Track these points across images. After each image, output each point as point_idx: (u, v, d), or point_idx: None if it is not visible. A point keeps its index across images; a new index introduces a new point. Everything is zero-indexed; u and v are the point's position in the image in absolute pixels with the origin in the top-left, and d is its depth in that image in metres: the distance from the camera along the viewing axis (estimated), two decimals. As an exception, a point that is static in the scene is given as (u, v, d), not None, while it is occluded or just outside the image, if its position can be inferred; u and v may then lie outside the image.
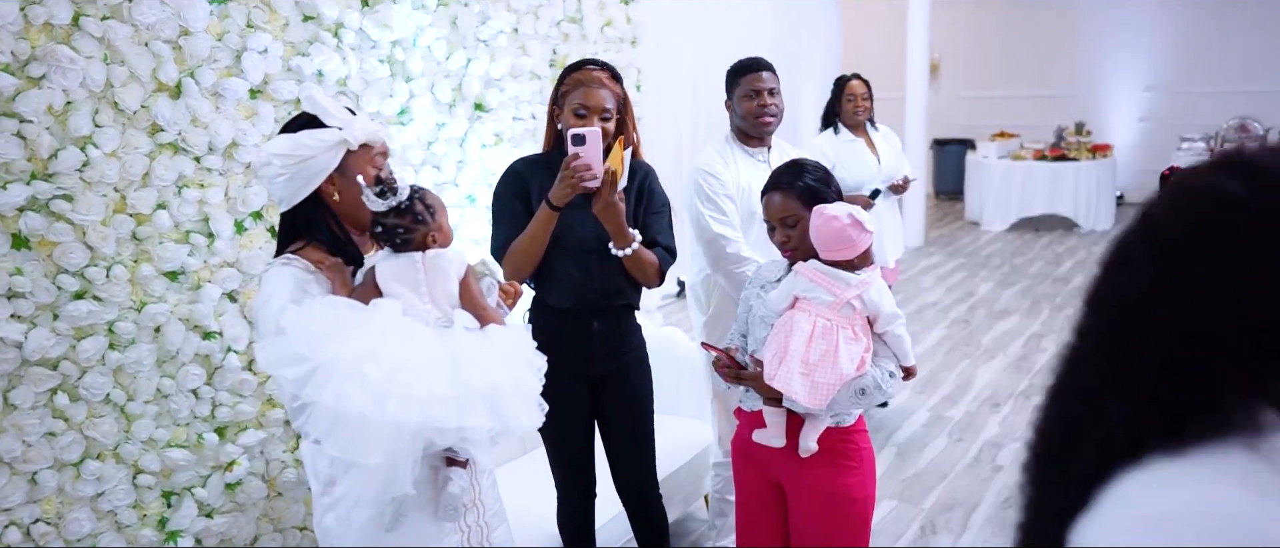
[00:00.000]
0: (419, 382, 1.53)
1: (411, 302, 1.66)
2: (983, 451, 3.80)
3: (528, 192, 2.18)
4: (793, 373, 1.80)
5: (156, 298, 2.37)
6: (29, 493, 2.21)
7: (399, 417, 1.49)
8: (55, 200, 2.15)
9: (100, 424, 2.29)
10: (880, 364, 1.86)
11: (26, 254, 2.14)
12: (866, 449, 1.96)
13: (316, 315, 1.58)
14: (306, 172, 1.66)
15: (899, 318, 1.88)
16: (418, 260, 1.67)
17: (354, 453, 1.53)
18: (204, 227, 2.47)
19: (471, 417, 1.56)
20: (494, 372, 1.61)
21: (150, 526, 2.44)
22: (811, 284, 1.85)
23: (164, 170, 2.33)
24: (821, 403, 1.80)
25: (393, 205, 1.65)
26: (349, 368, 1.49)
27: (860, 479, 1.94)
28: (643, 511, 2.41)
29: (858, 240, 1.82)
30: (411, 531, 1.73)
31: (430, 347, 1.60)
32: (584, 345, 2.20)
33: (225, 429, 2.59)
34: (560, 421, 2.23)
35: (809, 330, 1.81)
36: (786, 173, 1.95)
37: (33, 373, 2.17)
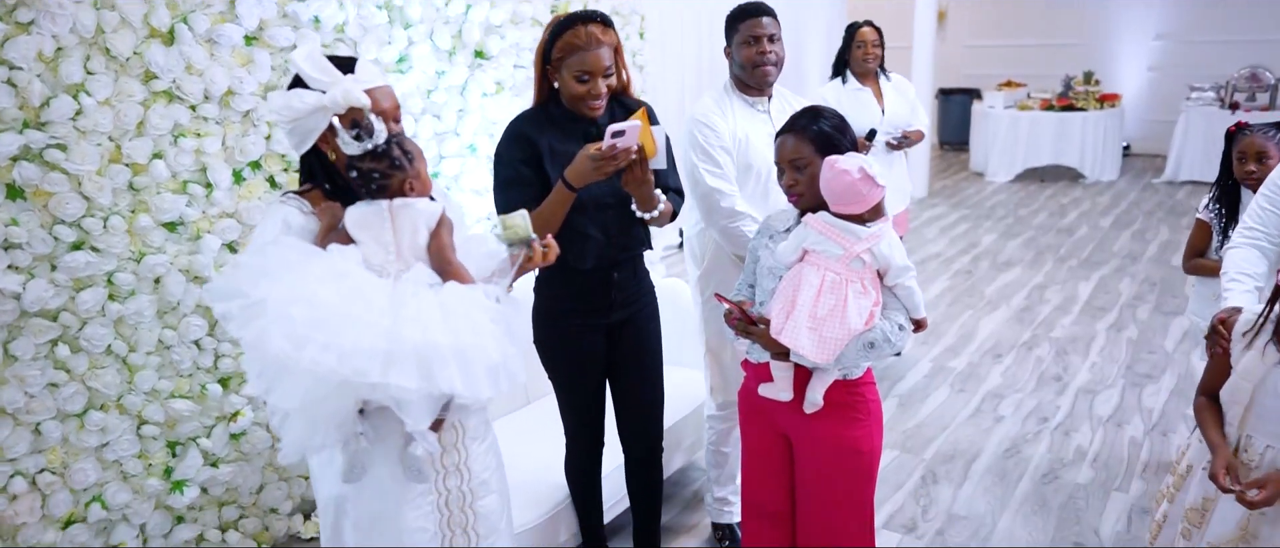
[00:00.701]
0: (347, 331, 1.48)
1: (374, 251, 1.62)
2: (984, 401, 3.81)
3: (538, 156, 2.08)
4: (800, 328, 1.76)
5: (155, 249, 2.35)
6: (33, 443, 2.22)
7: (316, 363, 1.45)
8: (49, 150, 2.12)
9: (102, 375, 2.29)
10: (890, 317, 1.83)
11: (21, 205, 2.12)
12: (874, 402, 1.94)
13: (271, 254, 1.56)
14: (301, 129, 1.64)
15: (909, 271, 1.83)
16: (384, 208, 1.63)
17: (274, 397, 1.52)
18: (201, 177, 2.44)
19: (398, 375, 1.49)
20: (434, 332, 1.53)
21: (156, 475, 2.45)
22: (821, 237, 1.81)
23: (159, 119, 2.29)
24: (829, 358, 1.77)
25: (368, 149, 1.61)
26: (276, 309, 1.47)
27: (867, 431, 1.92)
28: (645, 459, 2.40)
29: (868, 194, 1.78)
30: (379, 487, 1.70)
31: (372, 298, 1.55)
32: (604, 297, 2.19)
33: (228, 380, 2.59)
34: (576, 369, 2.26)
35: (817, 284, 1.78)
36: (803, 116, 1.91)
37: (32, 324, 2.15)
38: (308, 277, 1.52)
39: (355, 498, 1.72)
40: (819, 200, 1.85)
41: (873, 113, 3.88)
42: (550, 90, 2.12)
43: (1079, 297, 5.14)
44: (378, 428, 1.67)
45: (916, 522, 2.94)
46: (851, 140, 1.89)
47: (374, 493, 1.71)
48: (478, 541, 1.83)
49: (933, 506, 3.03)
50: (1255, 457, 1.73)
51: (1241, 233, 1.99)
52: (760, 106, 2.51)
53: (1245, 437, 1.75)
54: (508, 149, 2.11)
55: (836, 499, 1.96)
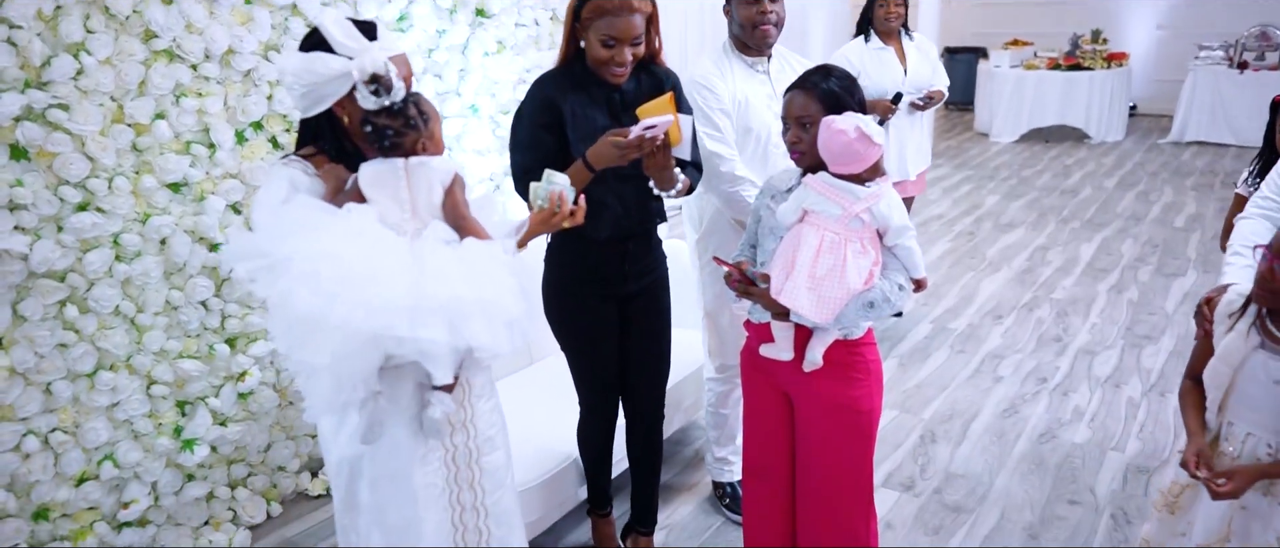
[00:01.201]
0: (374, 288, 1.50)
1: (389, 209, 1.63)
2: (984, 362, 3.84)
3: (560, 120, 2.04)
4: (799, 288, 1.77)
5: (160, 210, 2.36)
6: (44, 403, 2.25)
7: (347, 320, 1.47)
8: (51, 110, 2.12)
9: (111, 336, 2.31)
10: (889, 277, 1.83)
11: (26, 165, 2.12)
12: (874, 362, 1.95)
13: (288, 215, 1.56)
14: (316, 93, 1.64)
15: (909, 230, 1.83)
16: (400, 167, 1.63)
17: (303, 353, 1.53)
18: (204, 137, 2.44)
19: (427, 330, 1.52)
20: (458, 287, 1.56)
21: (166, 434, 2.49)
22: (820, 197, 1.81)
23: (160, 79, 2.28)
24: (828, 317, 1.78)
25: (385, 105, 1.61)
26: (302, 267, 1.48)
27: (867, 391, 1.94)
28: (647, 423, 2.41)
29: (865, 154, 1.77)
30: (394, 446, 1.73)
31: (395, 255, 1.56)
32: (618, 268, 2.18)
33: (235, 340, 2.61)
34: (590, 341, 2.25)
35: (816, 245, 1.79)
36: (814, 73, 1.88)
37: (40, 285, 2.17)
38: (329, 235, 1.53)
39: (371, 457, 1.74)
40: (820, 158, 1.85)
41: (896, 73, 3.87)
42: (576, 48, 2.06)
43: (1081, 258, 5.14)
44: (391, 388, 1.69)
45: (914, 480, 2.98)
46: (860, 101, 1.88)
47: (389, 452, 1.74)
48: (484, 496, 1.87)
49: (931, 464, 3.07)
50: (1236, 445, 1.68)
51: (1256, 202, 1.94)
52: (760, 68, 2.47)
53: (1226, 424, 1.71)
54: (530, 112, 2.07)
55: (836, 458, 1.98)
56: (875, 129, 1.77)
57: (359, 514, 1.80)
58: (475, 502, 1.86)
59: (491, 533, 1.89)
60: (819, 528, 2.04)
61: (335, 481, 1.82)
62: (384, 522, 1.78)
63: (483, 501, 1.87)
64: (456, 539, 1.85)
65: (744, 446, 2.16)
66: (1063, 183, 6.92)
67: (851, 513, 2.02)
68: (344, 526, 1.85)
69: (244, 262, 1.56)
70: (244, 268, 1.55)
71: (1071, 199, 6.42)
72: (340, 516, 1.85)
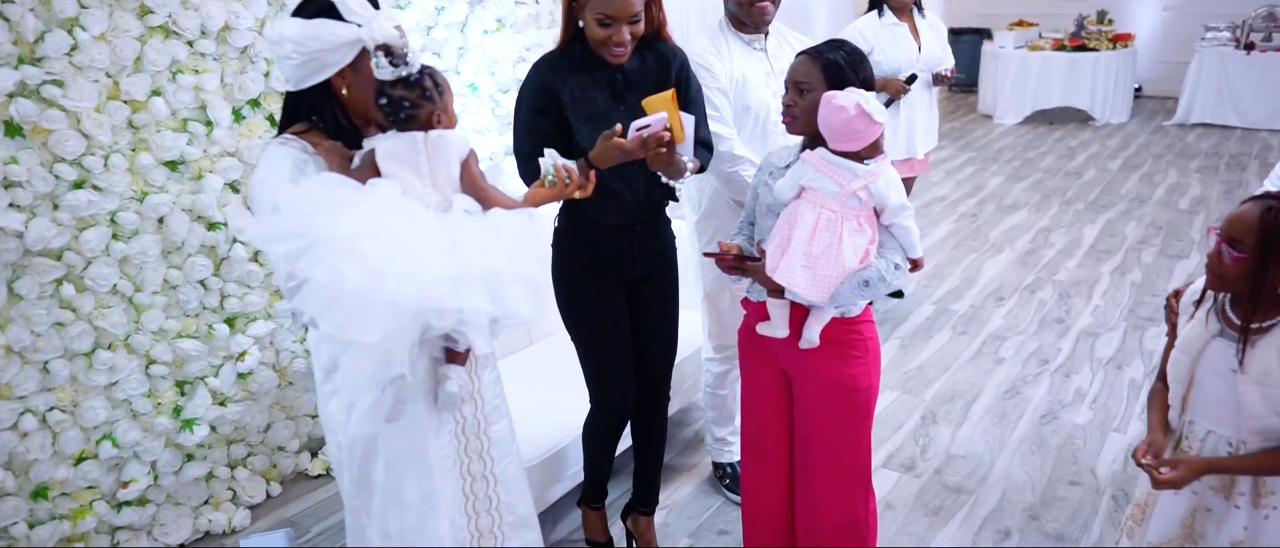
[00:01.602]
0: (417, 261, 1.49)
1: (411, 183, 1.61)
2: (985, 343, 3.82)
3: (558, 104, 2.00)
4: (795, 266, 1.76)
5: (157, 188, 2.34)
6: (41, 382, 2.24)
7: (397, 295, 1.46)
8: (46, 86, 2.09)
9: (109, 315, 2.30)
10: (886, 256, 1.82)
11: (21, 142, 2.10)
12: (872, 339, 1.94)
13: (312, 194, 1.53)
14: (317, 62, 1.60)
15: (907, 209, 1.82)
16: (419, 141, 1.61)
17: (351, 331, 1.51)
18: (201, 115, 2.41)
19: (470, 299, 1.53)
20: (494, 255, 1.57)
21: (165, 414, 2.48)
22: (818, 174, 1.79)
23: (156, 55, 2.26)
24: (823, 296, 1.77)
25: (401, 76, 1.58)
26: (346, 245, 1.46)
27: (865, 369, 1.93)
28: (653, 420, 2.39)
29: (864, 132, 1.75)
30: (411, 422, 1.73)
31: (429, 227, 1.56)
32: (627, 251, 2.14)
33: (234, 320, 2.60)
34: (600, 330, 2.20)
35: (812, 222, 1.77)
36: (825, 44, 1.86)
37: (36, 263, 2.16)
38: (364, 210, 1.51)
39: (386, 435, 1.73)
40: (812, 130, 1.82)
41: (909, 49, 3.84)
42: (576, 29, 2.01)
43: (1084, 240, 5.12)
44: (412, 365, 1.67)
45: (915, 461, 2.98)
46: (866, 79, 1.85)
47: (407, 428, 1.73)
48: (492, 465, 1.88)
49: (932, 445, 3.07)
50: (1196, 443, 1.63)
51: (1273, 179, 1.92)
52: (757, 45, 2.43)
53: (1187, 422, 1.65)
54: (527, 98, 2.03)
55: (834, 435, 1.97)
56: (876, 107, 1.75)
57: (372, 494, 1.79)
58: (485, 471, 1.88)
59: (501, 500, 1.91)
60: (817, 506, 2.03)
61: (346, 462, 1.79)
62: (400, 498, 1.77)
63: (492, 469, 1.88)
64: (468, 509, 1.86)
65: (742, 424, 2.15)
66: (1066, 165, 6.88)
67: (850, 491, 2.02)
68: (354, 507, 1.84)
69: (278, 243, 1.52)
70: (283, 249, 1.51)
71: (1075, 181, 6.39)
72: (351, 497, 1.83)
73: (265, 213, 1.57)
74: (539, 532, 2.04)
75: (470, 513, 1.87)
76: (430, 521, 1.79)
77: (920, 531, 2.62)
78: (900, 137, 3.94)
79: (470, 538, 1.88)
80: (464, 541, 1.87)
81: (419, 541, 1.79)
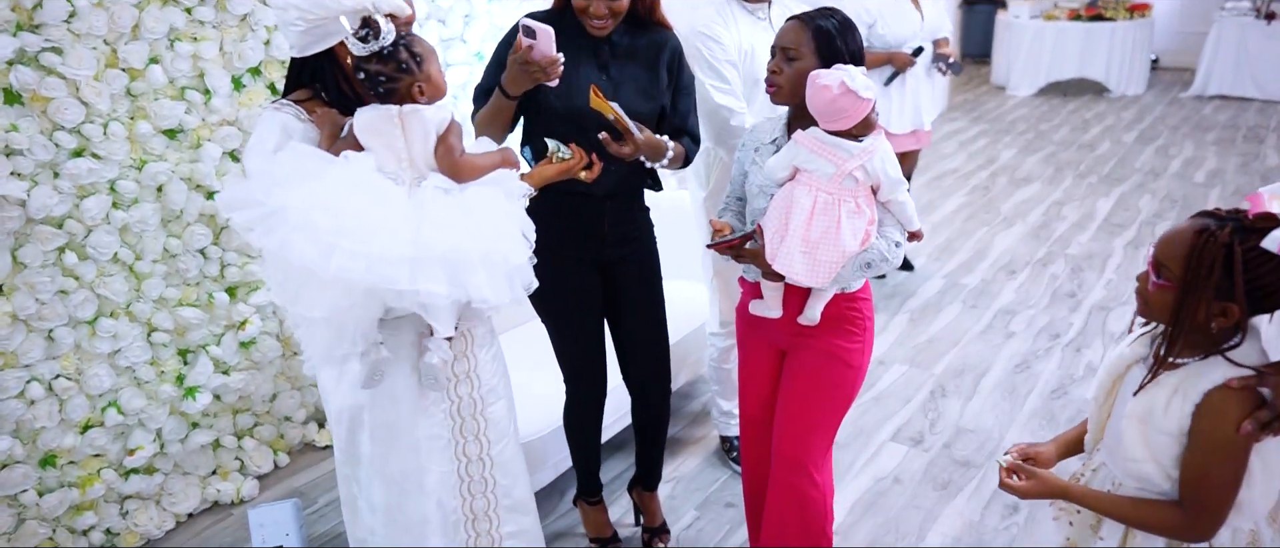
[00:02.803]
0: (373, 238, 1.46)
1: (386, 158, 1.58)
2: (996, 317, 3.79)
3: None
4: (794, 252, 1.70)
5: (156, 156, 2.32)
6: (47, 350, 2.24)
7: (345, 272, 1.44)
8: (44, 53, 2.07)
9: (110, 283, 2.29)
10: (885, 234, 1.77)
11: (20, 110, 2.08)
12: (869, 317, 1.91)
13: (282, 162, 1.52)
14: (322, 29, 1.57)
15: (902, 184, 1.76)
16: (394, 115, 1.58)
17: (299, 305, 1.50)
18: (200, 83, 2.39)
19: (427, 281, 1.49)
20: (460, 237, 1.53)
21: (169, 381, 2.48)
22: (812, 155, 1.72)
23: (154, 22, 2.23)
24: (824, 281, 1.73)
25: (374, 51, 1.55)
26: (298, 217, 1.44)
27: (860, 347, 1.89)
28: (652, 405, 2.33)
29: (851, 110, 1.68)
30: (394, 397, 1.72)
31: (394, 204, 1.52)
32: (595, 228, 2.07)
33: (235, 289, 2.59)
34: (570, 309, 2.14)
35: (810, 207, 1.71)
36: (816, 11, 1.80)
37: (39, 231, 2.15)
38: (326, 184, 1.49)
39: (371, 407, 1.72)
40: (798, 99, 1.76)
41: (913, 19, 3.77)
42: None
43: (1097, 213, 5.05)
44: (391, 338, 1.67)
45: (923, 435, 2.96)
46: (855, 50, 1.78)
47: (389, 402, 1.72)
48: (489, 447, 1.86)
49: (940, 419, 3.05)
50: (1088, 473, 1.47)
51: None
52: (761, 14, 2.38)
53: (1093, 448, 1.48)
54: (505, 40, 1.98)
55: (813, 403, 1.92)
56: (862, 83, 1.67)
57: (360, 464, 1.79)
58: (481, 453, 1.85)
59: (497, 483, 1.88)
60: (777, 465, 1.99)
61: (336, 431, 1.81)
62: (385, 472, 1.77)
63: (488, 451, 1.85)
64: (462, 490, 1.84)
65: (741, 401, 2.12)
66: (1081, 137, 6.79)
67: (808, 456, 1.95)
68: (345, 475, 1.85)
69: (240, 210, 1.52)
70: (241, 217, 1.51)
71: (1089, 154, 6.30)
72: (341, 465, 1.84)
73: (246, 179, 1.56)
74: (536, 516, 2.01)
75: (465, 495, 1.85)
76: (415, 499, 1.77)
77: (928, 504, 2.61)
78: (908, 109, 3.88)
79: (465, 520, 1.86)
80: (457, 522, 1.85)
81: (403, 518, 1.78)
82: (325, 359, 1.64)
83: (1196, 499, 1.25)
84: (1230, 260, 1.16)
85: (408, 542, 1.79)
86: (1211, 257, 1.17)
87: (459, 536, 1.85)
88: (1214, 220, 1.20)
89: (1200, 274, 1.18)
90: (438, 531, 1.80)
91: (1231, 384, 1.20)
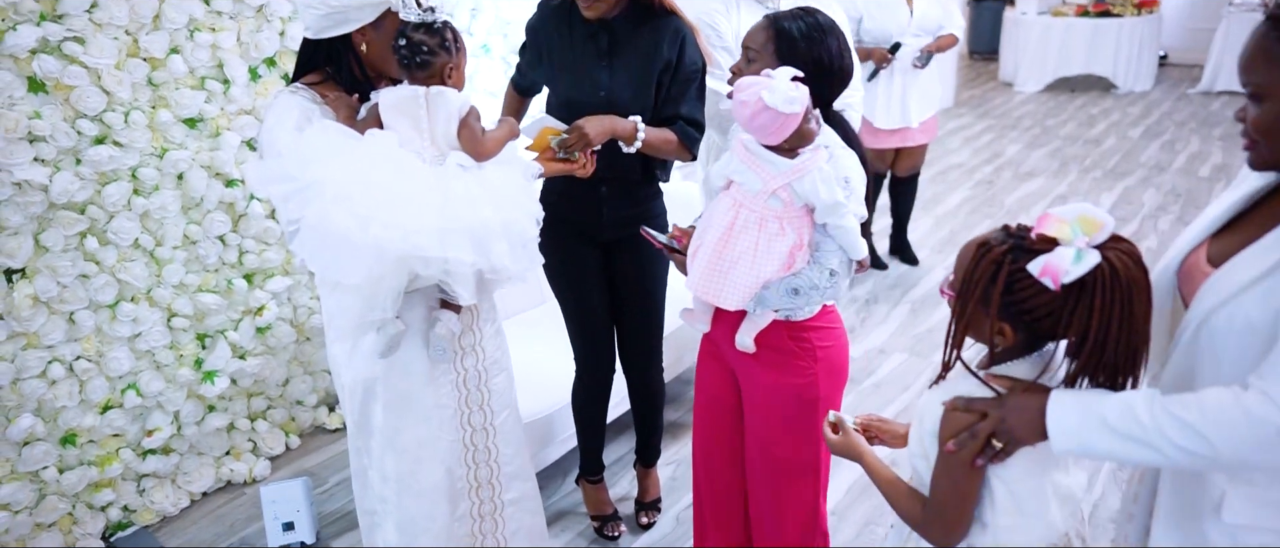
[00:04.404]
0: (405, 210, 1.53)
1: (410, 136, 1.65)
2: (997, 309, 3.83)
3: (539, 55, 2.10)
4: (705, 270, 1.60)
5: (177, 144, 2.39)
6: (68, 332, 2.31)
7: (381, 241, 1.51)
8: (67, 42, 2.14)
9: (131, 268, 2.36)
10: (821, 261, 1.60)
11: (44, 98, 2.15)
12: (824, 347, 1.72)
13: (312, 140, 1.59)
14: (342, 15, 1.64)
15: (841, 208, 1.57)
16: (421, 95, 1.65)
17: (336, 272, 1.57)
18: (218, 73, 2.45)
19: (455, 250, 1.56)
20: (483, 210, 1.60)
21: (187, 365, 2.55)
22: (742, 166, 1.59)
23: (174, 12, 2.29)
24: (735, 304, 1.60)
25: (426, 21, 1.62)
26: (336, 190, 1.51)
27: (810, 380, 1.72)
28: (643, 383, 2.41)
29: (772, 126, 1.51)
30: (407, 368, 1.79)
31: (421, 179, 1.60)
32: (592, 208, 2.13)
33: (253, 275, 2.66)
34: (576, 283, 2.22)
35: (728, 223, 1.59)
36: (791, 10, 1.66)
37: (61, 216, 2.22)
38: (358, 159, 1.56)
39: (385, 379, 1.79)
40: None
41: (901, 16, 3.77)
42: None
43: (1101, 207, 5.07)
44: (405, 313, 1.73)
45: (922, 422, 3.00)
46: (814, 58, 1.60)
47: (402, 373, 1.79)
48: (493, 417, 1.94)
49: (939, 407, 3.09)
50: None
51: None
52: (768, 4, 2.45)
53: None
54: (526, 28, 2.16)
55: (779, 444, 1.80)
56: (784, 95, 1.49)
57: (371, 436, 1.86)
58: (485, 422, 1.93)
59: (500, 452, 1.97)
60: (765, 507, 1.88)
61: (349, 403, 1.87)
62: (397, 442, 1.83)
63: (491, 421, 1.93)
64: (467, 459, 1.91)
65: (694, 424, 2.00)
66: (1086, 132, 6.80)
67: (798, 495, 1.84)
68: (357, 447, 1.92)
69: (273, 185, 1.59)
70: (275, 190, 1.58)
71: (1094, 148, 6.32)
72: (353, 437, 1.91)
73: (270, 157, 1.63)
74: (535, 483, 2.10)
75: (470, 463, 1.92)
76: (427, 466, 1.85)
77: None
78: (894, 105, 3.88)
79: (469, 487, 1.94)
80: (462, 489, 1.93)
81: (415, 484, 1.85)
82: (355, 327, 1.71)
83: (929, 503, 1.27)
84: (997, 279, 1.12)
85: (419, 509, 1.87)
86: (981, 272, 1.14)
87: (464, 502, 1.94)
88: (999, 236, 1.15)
89: (970, 288, 1.16)
90: (446, 496, 1.88)
91: (947, 404, 1.21)
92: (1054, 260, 1.06)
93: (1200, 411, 1.02)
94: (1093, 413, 1.08)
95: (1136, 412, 1.05)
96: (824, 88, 1.63)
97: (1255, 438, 0.99)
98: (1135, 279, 1.08)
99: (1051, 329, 1.13)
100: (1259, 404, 1.00)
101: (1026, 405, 1.13)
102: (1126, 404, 1.06)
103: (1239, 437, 1.00)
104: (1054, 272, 1.06)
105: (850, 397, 3.18)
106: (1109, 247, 1.08)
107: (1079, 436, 1.08)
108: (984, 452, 1.17)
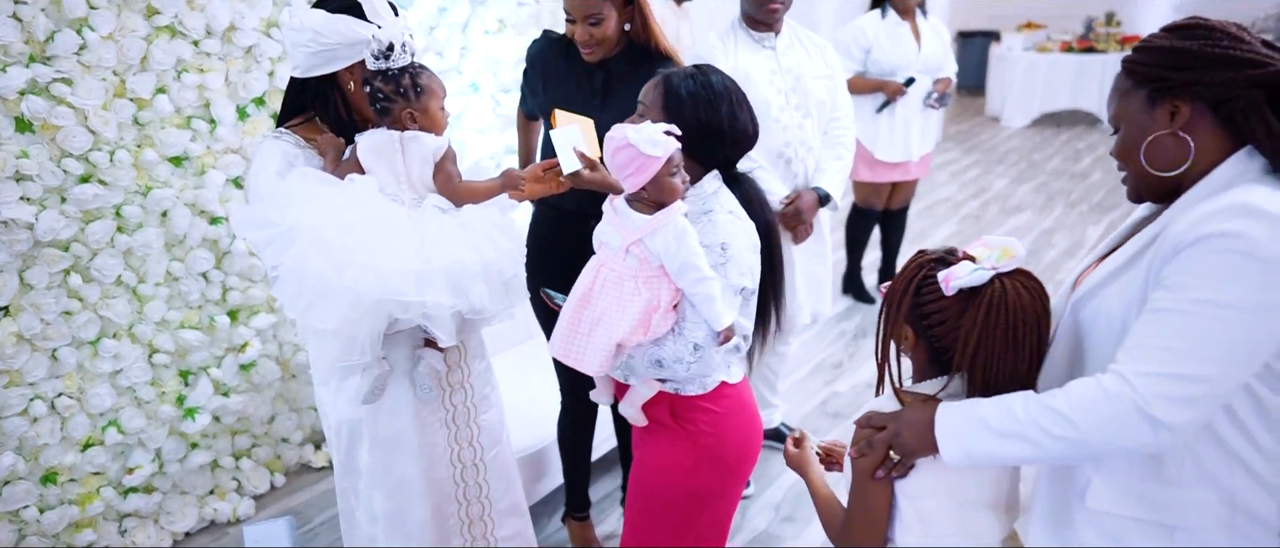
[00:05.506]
0: (381, 253, 1.55)
1: (387, 180, 1.67)
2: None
3: (536, 85, 2.15)
4: (566, 332, 1.55)
5: (161, 183, 2.40)
6: (50, 369, 2.30)
7: (357, 285, 1.52)
8: (55, 84, 2.16)
9: (113, 305, 2.36)
10: (684, 332, 1.49)
11: (31, 137, 2.17)
12: (707, 434, 1.60)
13: (291, 185, 1.61)
14: (331, 53, 1.67)
15: (693, 270, 1.46)
16: (396, 139, 1.67)
17: (313, 318, 1.57)
18: (205, 112, 2.48)
19: (432, 293, 1.57)
20: (460, 251, 1.61)
21: (169, 402, 2.54)
22: (606, 224, 1.55)
23: (162, 54, 2.32)
24: (594, 368, 1.53)
25: (382, 69, 1.65)
26: (312, 235, 1.53)
27: (690, 464, 1.60)
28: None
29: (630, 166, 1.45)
30: (394, 407, 1.79)
31: (398, 222, 1.61)
32: (580, 242, 2.03)
33: (237, 312, 2.66)
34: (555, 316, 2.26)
35: (588, 284, 1.54)
36: (692, 67, 1.63)
37: (45, 254, 2.22)
38: (335, 204, 1.58)
39: (371, 420, 1.79)
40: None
41: (909, 51, 3.86)
42: None
43: (1087, 241, 5.12)
44: (391, 353, 1.74)
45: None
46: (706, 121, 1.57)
47: (389, 413, 1.79)
48: (483, 452, 1.93)
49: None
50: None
51: None
52: (767, 42, 2.52)
53: None
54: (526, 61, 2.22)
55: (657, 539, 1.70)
56: (648, 136, 1.45)
57: (359, 477, 1.86)
58: (475, 458, 1.92)
59: (491, 487, 1.96)
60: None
61: (335, 444, 1.87)
62: (386, 482, 1.83)
63: (482, 457, 1.93)
64: (458, 495, 1.91)
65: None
66: (1073, 167, 6.88)
67: None
68: (344, 488, 1.91)
69: (255, 230, 1.61)
70: (255, 236, 1.61)
71: (1081, 183, 6.39)
72: (340, 479, 1.90)
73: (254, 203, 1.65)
74: (529, 519, 2.08)
75: (460, 500, 1.92)
76: (416, 504, 1.84)
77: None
78: (897, 139, 3.95)
79: (460, 525, 1.93)
80: (454, 527, 1.92)
81: (404, 524, 1.84)
82: (333, 371, 1.72)
83: (844, 517, 1.31)
84: (912, 282, 1.20)
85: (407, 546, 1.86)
86: (903, 281, 1.22)
87: (456, 539, 1.93)
88: (934, 251, 1.24)
89: (893, 296, 1.23)
90: (436, 535, 1.87)
91: (858, 419, 1.27)
92: (954, 270, 1.17)
93: (1066, 397, 1.09)
94: (974, 417, 1.14)
95: (1013, 410, 1.12)
96: (715, 149, 1.60)
97: (1114, 415, 1.05)
98: (1024, 306, 1.16)
99: (943, 337, 1.20)
100: (1114, 383, 1.07)
101: (918, 418, 1.19)
102: (1004, 404, 1.13)
103: (1102, 417, 1.06)
104: (948, 278, 1.16)
105: (836, 432, 3.18)
106: (1012, 275, 1.17)
107: (963, 441, 1.14)
108: (883, 464, 1.22)
